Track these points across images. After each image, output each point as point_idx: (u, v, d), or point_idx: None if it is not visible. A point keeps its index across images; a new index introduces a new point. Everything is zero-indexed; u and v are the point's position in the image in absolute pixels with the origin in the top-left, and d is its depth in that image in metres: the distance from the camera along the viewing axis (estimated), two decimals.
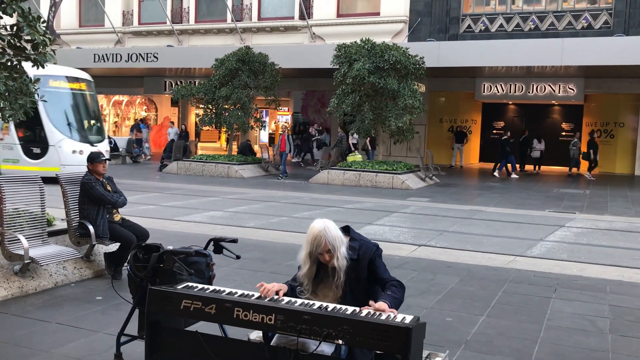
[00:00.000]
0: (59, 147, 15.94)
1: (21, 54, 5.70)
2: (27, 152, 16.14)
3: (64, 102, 16.72)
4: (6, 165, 15.63)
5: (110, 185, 6.91)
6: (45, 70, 16.36)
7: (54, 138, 15.97)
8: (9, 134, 16.13)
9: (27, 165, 15.86)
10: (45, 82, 14.77)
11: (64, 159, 15.79)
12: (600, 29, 21.43)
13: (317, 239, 3.38)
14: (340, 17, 24.89)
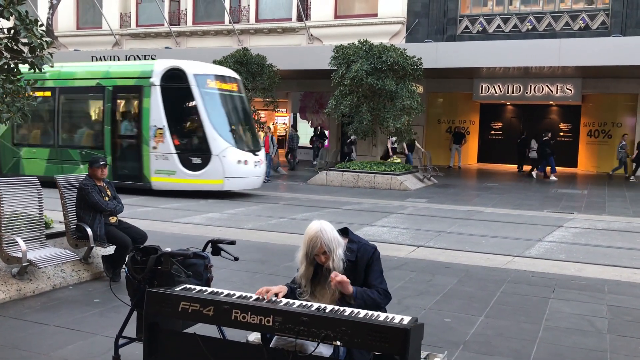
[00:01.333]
0: (223, 157, 13.95)
1: (18, 57, 5.70)
2: (185, 162, 14.15)
3: (223, 105, 14.97)
4: (160, 178, 14.27)
5: (110, 190, 6.91)
6: (200, 67, 14.30)
7: (218, 146, 13.97)
8: (163, 142, 14.17)
9: (185, 178, 14.12)
10: (203, 82, 14.18)
11: (228, 170, 14.03)
12: (598, 29, 21.47)
13: (313, 240, 3.39)
14: (338, 19, 24.91)
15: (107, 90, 14.97)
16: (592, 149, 24.56)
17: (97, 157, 7.00)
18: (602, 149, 23.97)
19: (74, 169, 15.10)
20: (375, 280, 3.50)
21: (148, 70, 14.58)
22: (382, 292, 3.47)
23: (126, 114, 15.37)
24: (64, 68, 15.72)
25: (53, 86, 15.61)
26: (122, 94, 15.20)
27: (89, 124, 15.95)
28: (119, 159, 15.00)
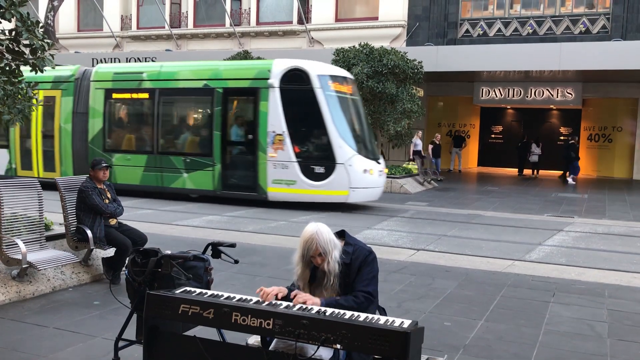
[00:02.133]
0: (349, 166, 12.79)
1: (20, 59, 5.70)
2: (306, 172, 12.97)
3: (346, 109, 13.66)
4: (278, 188, 13.15)
5: (110, 192, 6.91)
6: (322, 68, 13.55)
7: (344, 154, 12.77)
8: (283, 149, 13.02)
9: (306, 189, 12.94)
10: (326, 83, 13.08)
11: (354, 180, 12.84)
12: (598, 33, 21.49)
13: (308, 242, 3.39)
14: (339, 22, 24.95)
15: (216, 92, 13.72)
16: (593, 153, 24.57)
17: (99, 159, 6.99)
18: (603, 153, 23.97)
19: (175, 178, 14.21)
20: (360, 284, 3.44)
21: (265, 70, 13.37)
22: (361, 296, 3.40)
23: (239, 118, 14.16)
24: (164, 68, 14.87)
25: (152, 87, 14.56)
26: (234, 97, 14.02)
27: (194, 129, 14.78)
28: (230, 167, 13.81)
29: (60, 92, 15.40)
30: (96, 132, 15.04)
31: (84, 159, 15.03)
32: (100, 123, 14.98)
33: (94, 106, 15.02)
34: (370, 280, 3.49)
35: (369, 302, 3.45)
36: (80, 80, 15.31)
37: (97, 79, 15.11)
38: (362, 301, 3.41)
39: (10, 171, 16.15)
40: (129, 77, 14.94)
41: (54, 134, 15.56)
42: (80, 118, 15.25)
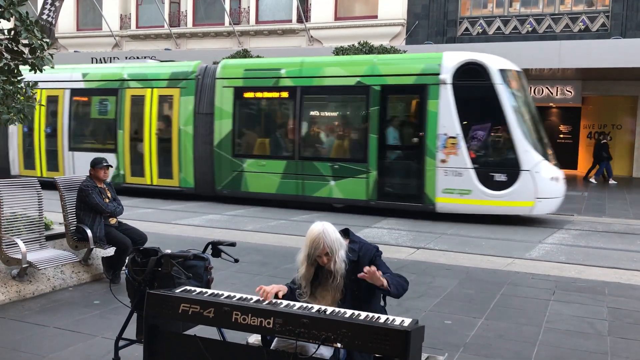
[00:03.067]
0: (536, 173, 11.33)
1: (19, 58, 5.69)
2: (484, 180, 11.46)
3: (530, 108, 12.36)
4: (449, 199, 11.71)
5: (110, 191, 6.91)
6: (501, 62, 12.17)
7: (530, 160, 11.33)
8: (456, 154, 11.55)
9: (484, 199, 11.46)
10: (507, 79, 11.70)
11: (542, 189, 11.38)
12: (598, 31, 21.48)
13: (315, 241, 3.38)
14: (338, 20, 24.92)
15: (372, 90, 12.25)
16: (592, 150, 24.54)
17: (100, 158, 7.00)
18: None
19: (320, 186, 12.79)
20: (388, 271, 3.51)
21: (434, 64, 11.94)
22: (399, 275, 3.51)
23: (401, 119, 12.84)
24: (306, 63, 13.34)
25: (292, 85, 13.10)
26: (394, 95, 12.57)
27: (345, 132, 13.28)
28: (388, 174, 12.38)
29: (179, 91, 14.08)
30: (224, 135, 13.57)
31: (208, 165, 13.81)
32: (228, 125, 13.52)
33: (220, 106, 13.57)
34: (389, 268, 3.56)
35: (407, 282, 3.58)
36: (202, 77, 13.97)
37: (225, 76, 13.70)
38: (404, 282, 3.55)
39: (117, 178, 14.62)
40: (264, 74, 13.47)
41: (172, 137, 14.19)
42: (204, 119, 13.82)
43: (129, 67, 15.21)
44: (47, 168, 15.81)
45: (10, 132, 15.94)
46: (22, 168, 16.08)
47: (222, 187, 13.73)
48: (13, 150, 16.25)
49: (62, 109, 15.49)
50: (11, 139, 16.20)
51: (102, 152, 14.43)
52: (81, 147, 15.47)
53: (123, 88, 14.72)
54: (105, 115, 15.35)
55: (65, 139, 15.49)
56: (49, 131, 15.76)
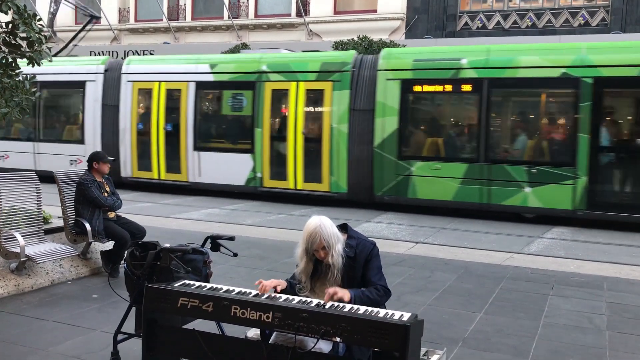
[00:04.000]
0: None
1: (16, 52, 5.67)
2: None
3: None
4: None
5: (109, 186, 6.91)
6: None
7: None
8: None
9: None
10: None
11: None
12: (598, 26, 21.44)
13: (312, 235, 3.38)
14: (337, 14, 24.85)
15: (582, 83, 10.74)
16: None
17: (102, 152, 7.05)
18: None
19: (511, 193, 11.26)
20: (374, 277, 3.49)
21: None
22: (381, 289, 3.46)
23: (620, 116, 11.31)
24: (494, 52, 11.73)
25: (476, 77, 11.55)
26: (611, 89, 10.97)
27: (545, 131, 11.56)
28: (603, 180, 10.93)
29: (331, 85, 12.59)
30: (387, 134, 12.04)
31: (366, 168, 12.36)
32: (393, 123, 11.97)
33: (383, 101, 12.05)
34: (380, 273, 3.53)
35: (388, 295, 3.50)
36: (358, 69, 12.56)
37: (389, 67, 12.17)
38: (383, 294, 3.47)
39: (253, 181, 13.40)
40: (440, 65, 11.89)
41: (321, 137, 12.75)
42: (361, 117, 12.38)
43: (268, 58, 13.58)
44: (167, 170, 14.29)
45: (122, 128, 14.71)
46: (135, 169, 14.69)
47: (383, 192, 12.20)
48: (125, 149, 14.74)
49: (185, 104, 13.99)
50: (122, 137, 14.76)
51: (235, 152, 13.59)
52: (209, 146, 13.98)
53: (262, 81, 13.21)
54: (240, 112, 13.73)
55: (189, 138, 13.97)
56: (169, 129, 14.24)
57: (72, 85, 15.59)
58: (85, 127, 15.30)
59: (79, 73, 15.44)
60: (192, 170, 14.02)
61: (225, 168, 13.66)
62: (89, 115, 15.21)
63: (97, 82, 15.12)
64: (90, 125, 15.19)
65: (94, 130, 15.15)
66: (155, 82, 14.37)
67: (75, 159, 15.28)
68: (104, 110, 14.99)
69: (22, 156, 16.11)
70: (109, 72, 15.08)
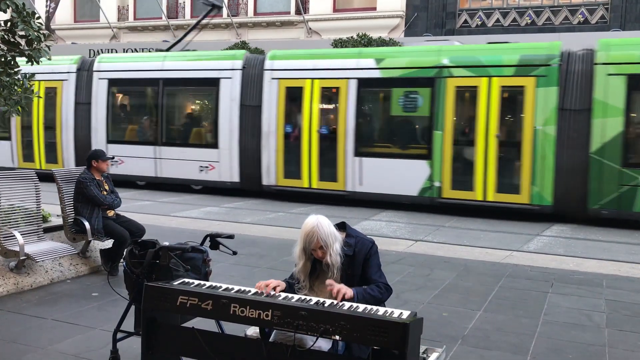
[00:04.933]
0: None
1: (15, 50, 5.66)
2: None
3: None
4: None
5: (108, 184, 6.90)
6: None
7: None
8: None
9: None
10: None
11: None
12: (597, 23, 21.43)
13: (309, 235, 3.38)
14: (337, 12, 24.82)
15: None
16: None
17: (101, 150, 7.02)
18: None
19: None
20: (375, 275, 3.49)
21: None
22: (382, 286, 3.46)
23: None
24: None
25: None
26: None
27: None
28: None
29: (534, 81, 11.05)
30: (608, 138, 10.51)
31: (578, 177, 10.82)
32: (617, 125, 10.46)
33: (604, 100, 10.55)
34: (380, 271, 3.53)
35: (389, 292, 3.51)
36: (566, 63, 11.13)
37: (610, 60, 10.69)
38: (384, 291, 3.47)
39: (429, 191, 11.77)
40: None
41: (521, 141, 11.20)
42: (573, 118, 10.93)
43: (449, 50, 12.12)
44: (320, 177, 12.78)
45: (265, 131, 13.15)
46: (280, 177, 13.15)
47: (601, 206, 10.69)
48: (268, 155, 13.18)
49: (344, 104, 12.39)
50: (265, 141, 13.22)
51: (406, 158, 12.09)
52: (373, 151, 12.42)
53: (442, 77, 11.64)
54: (413, 112, 12.19)
55: (349, 142, 12.37)
56: (324, 132, 12.70)
57: (203, 82, 14.10)
58: (219, 129, 13.68)
59: (211, 69, 13.85)
60: (351, 178, 12.41)
61: (393, 176, 12.05)
62: (223, 116, 13.61)
63: (233, 79, 13.56)
64: (225, 128, 13.60)
65: (230, 133, 13.56)
66: (306, 80, 12.72)
67: (206, 165, 13.82)
68: (242, 111, 13.45)
69: (140, 162, 14.49)
70: (247, 68, 13.54)
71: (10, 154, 16.09)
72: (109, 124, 14.94)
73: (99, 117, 14.90)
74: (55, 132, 15.58)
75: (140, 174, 14.50)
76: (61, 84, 15.39)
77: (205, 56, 14.77)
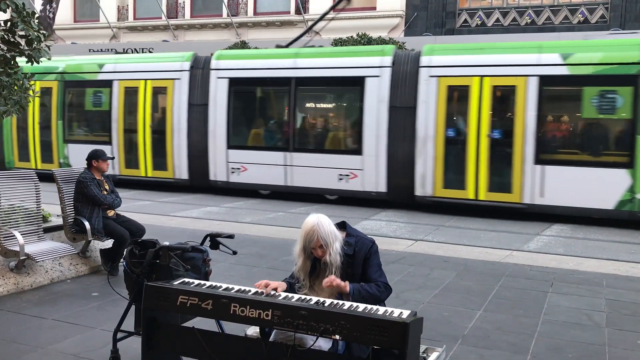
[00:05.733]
0: None
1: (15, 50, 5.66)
2: None
3: None
4: None
5: (108, 184, 6.91)
6: None
7: None
8: None
9: None
10: None
11: None
12: (597, 23, 21.44)
13: (309, 234, 3.38)
14: (337, 12, 24.83)
15: None
16: None
17: (101, 150, 7.00)
18: None
19: None
20: (375, 274, 3.49)
21: None
22: (382, 285, 3.46)
23: None
24: None
25: None
26: None
27: None
28: None
29: None
30: None
31: None
32: None
33: None
34: (380, 270, 3.54)
35: (388, 292, 3.52)
36: None
37: None
38: (384, 290, 3.48)
39: (629, 205, 10.44)
40: None
41: None
42: None
43: None
44: (489, 187, 11.39)
45: (422, 136, 11.78)
46: (439, 187, 11.72)
47: None
48: (425, 162, 11.76)
49: (522, 104, 11.03)
50: (422, 146, 11.79)
51: (602, 166, 10.72)
52: (559, 159, 11.11)
53: None
54: (610, 114, 10.76)
55: (528, 148, 11.02)
56: (496, 136, 11.36)
57: (345, 82, 12.73)
58: (364, 133, 12.28)
59: (355, 67, 12.42)
60: (530, 189, 11.10)
61: (583, 187, 10.72)
62: (369, 119, 12.20)
63: (381, 78, 12.10)
64: (371, 132, 12.19)
65: (377, 137, 12.16)
66: (473, 78, 11.38)
67: (346, 174, 12.44)
68: (391, 113, 12.03)
69: (267, 169, 13.13)
70: (396, 65, 12.14)
71: None
72: (230, 128, 13.50)
73: (217, 120, 13.51)
74: (165, 137, 14.09)
75: (266, 182, 13.20)
76: (172, 84, 13.94)
77: (346, 52, 13.47)
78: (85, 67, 15.13)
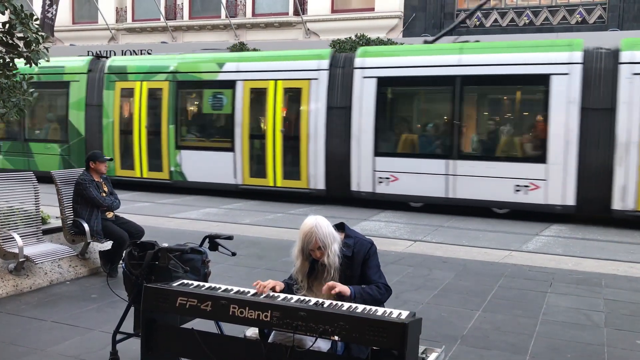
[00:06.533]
0: None
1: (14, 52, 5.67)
2: None
3: None
4: None
5: (107, 186, 6.91)
6: None
7: None
8: None
9: None
10: None
11: None
12: (595, 23, 21.46)
13: (307, 235, 3.38)
14: (335, 13, 24.85)
15: None
16: None
17: (99, 152, 7.04)
18: None
19: None
20: (374, 276, 3.49)
21: None
22: (382, 287, 3.46)
23: None
24: None
25: None
26: None
27: None
28: None
29: None
30: None
31: None
32: None
33: None
34: (379, 272, 3.54)
35: (389, 293, 3.51)
36: None
37: None
38: (384, 292, 3.48)
39: None
40: None
41: None
42: None
43: None
44: None
45: (622, 142, 10.49)
46: None
47: None
48: (627, 170, 10.45)
49: None
50: (623, 153, 10.48)
51: None
52: None
53: None
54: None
55: None
56: None
57: (524, 80, 11.42)
58: (549, 139, 10.94)
59: (537, 64, 11.09)
60: None
61: None
62: (555, 123, 10.89)
63: (570, 75, 10.81)
64: (558, 137, 10.86)
65: (565, 143, 10.83)
66: None
67: (526, 184, 11.10)
68: (583, 115, 10.73)
69: (424, 179, 11.83)
70: (587, 62, 10.94)
71: (233, 168, 13.34)
72: (378, 133, 12.20)
73: (362, 124, 12.18)
74: (299, 143, 12.85)
75: (421, 193, 11.90)
76: (307, 84, 12.71)
77: (526, 47, 12.06)
78: (202, 66, 13.85)
